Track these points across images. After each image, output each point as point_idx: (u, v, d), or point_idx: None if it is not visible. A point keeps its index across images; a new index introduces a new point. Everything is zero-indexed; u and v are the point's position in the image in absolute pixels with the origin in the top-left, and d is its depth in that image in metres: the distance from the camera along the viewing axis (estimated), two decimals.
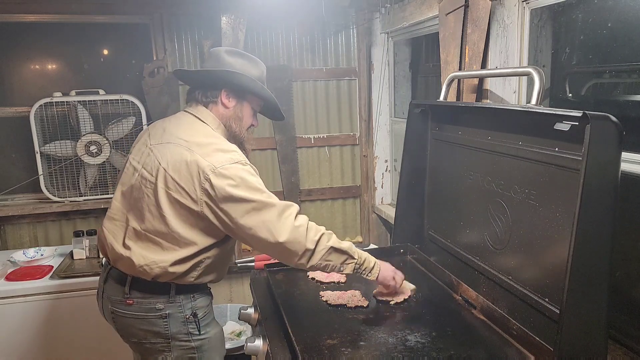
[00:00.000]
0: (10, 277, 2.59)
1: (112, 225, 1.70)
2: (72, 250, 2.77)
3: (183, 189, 1.54)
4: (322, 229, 1.60)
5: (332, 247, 1.58)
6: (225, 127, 1.73)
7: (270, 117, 1.98)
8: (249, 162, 1.61)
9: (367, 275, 1.66)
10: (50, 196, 3.00)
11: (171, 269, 1.60)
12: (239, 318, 1.86)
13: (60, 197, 3.02)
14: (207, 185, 1.51)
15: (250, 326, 2.11)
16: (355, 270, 1.64)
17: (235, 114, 1.72)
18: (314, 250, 1.55)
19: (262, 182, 1.61)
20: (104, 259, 1.79)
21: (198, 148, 1.57)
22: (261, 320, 1.68)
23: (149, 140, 1.70)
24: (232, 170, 1.53)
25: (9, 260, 2.72)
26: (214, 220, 1.56)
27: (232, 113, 1.72)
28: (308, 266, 1.58)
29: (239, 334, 2.88)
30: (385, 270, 1.70)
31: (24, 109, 2.98)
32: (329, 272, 1.69)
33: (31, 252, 2.82)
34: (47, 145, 2.95)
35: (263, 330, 1.62)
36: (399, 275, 1.74)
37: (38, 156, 2.94)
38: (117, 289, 1.68)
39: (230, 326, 2.95)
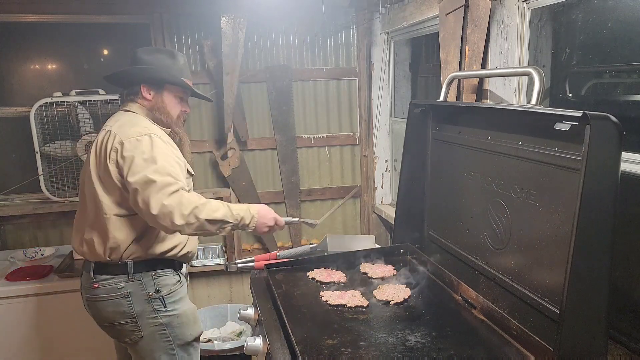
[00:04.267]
0: (10, 277, 2.59)
1: (89, 220, 1.85)
2: (72, 250, 2.77)
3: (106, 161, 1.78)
4: (195, 201, 1.71)
5: (205, 220, 1.71)
6: (153, 115, 1.94)
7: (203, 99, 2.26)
8: (161, 136, 1.83)
9: (247, 229, 1.86)
10: (50, 196, 3.00)
11: (125, 242, 1.81)
12: (239, 318, 1.86)
13: (60, 197, 3.02)
14: (117, 153, 1.75)
15: (250, 326, 2.11)
16: (235, 230, 1.85)
17: (156, 104, 1.95)
18: (183, 226, 1.69)
19: (172, 156, 1.80)
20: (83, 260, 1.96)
21: (118, 129, 1.81)
22: (261, 320, 1.68)
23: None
24: (140, 140, 1.76)
25: (9, 260, 2.73)
26: (117, 180, 1.76)
27: (153, 103, 1.95)
28: (184, 234, 1.81)
29: (239, 334, 2.88)
30: (262, 224, 1.87)
31: (24, 109, 2.98)
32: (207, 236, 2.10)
33: (31, 252, 2.82)
34: (47, 145, 2.95)
35: (263, 330, 1.61)
36: (279, 219, 1.94)
37: (38, 156, 2.94)
38: (86, 276, 1.89)
39: (230, 326, 2.95)
